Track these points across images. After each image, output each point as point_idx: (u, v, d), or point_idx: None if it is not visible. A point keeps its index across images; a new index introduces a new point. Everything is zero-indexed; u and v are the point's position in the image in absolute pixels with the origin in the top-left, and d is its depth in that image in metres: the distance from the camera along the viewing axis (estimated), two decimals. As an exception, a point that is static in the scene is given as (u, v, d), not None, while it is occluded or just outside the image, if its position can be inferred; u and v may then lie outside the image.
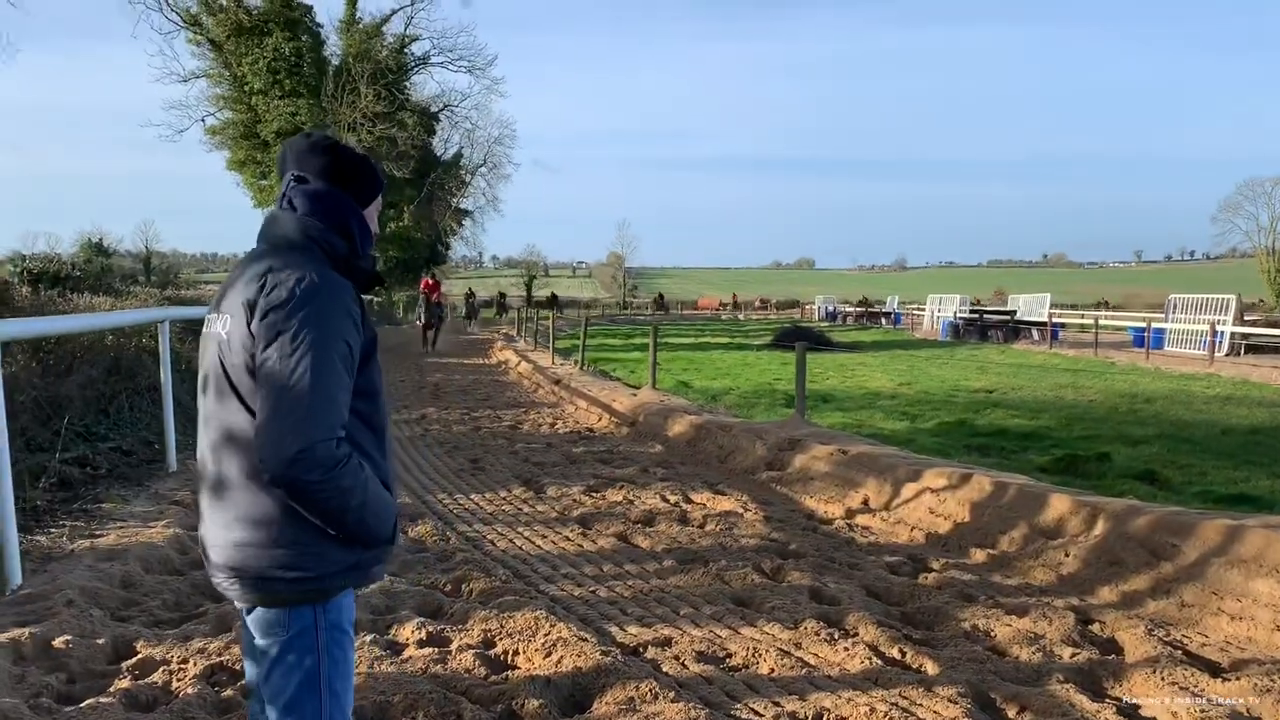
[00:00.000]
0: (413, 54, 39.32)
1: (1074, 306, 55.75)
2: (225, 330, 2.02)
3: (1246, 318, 30.83)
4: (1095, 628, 4.60)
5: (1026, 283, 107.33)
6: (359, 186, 2.18)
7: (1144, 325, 28.53)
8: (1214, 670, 4.01)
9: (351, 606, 2.19)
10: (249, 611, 2.09)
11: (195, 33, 34.49)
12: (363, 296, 2.18)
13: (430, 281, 26.98)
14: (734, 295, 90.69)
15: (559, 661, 3.95)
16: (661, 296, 78.94)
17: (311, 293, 1.96)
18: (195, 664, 3.89)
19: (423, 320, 26.10)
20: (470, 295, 46.75)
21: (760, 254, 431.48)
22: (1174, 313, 29.29)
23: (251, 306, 1.97)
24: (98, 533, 5.79)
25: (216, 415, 2.04)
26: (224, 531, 2.04)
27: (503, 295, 63.89)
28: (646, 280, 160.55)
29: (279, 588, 2.02)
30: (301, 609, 2.05)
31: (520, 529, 6.51)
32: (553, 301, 57.72)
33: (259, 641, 2.09)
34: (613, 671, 3.81)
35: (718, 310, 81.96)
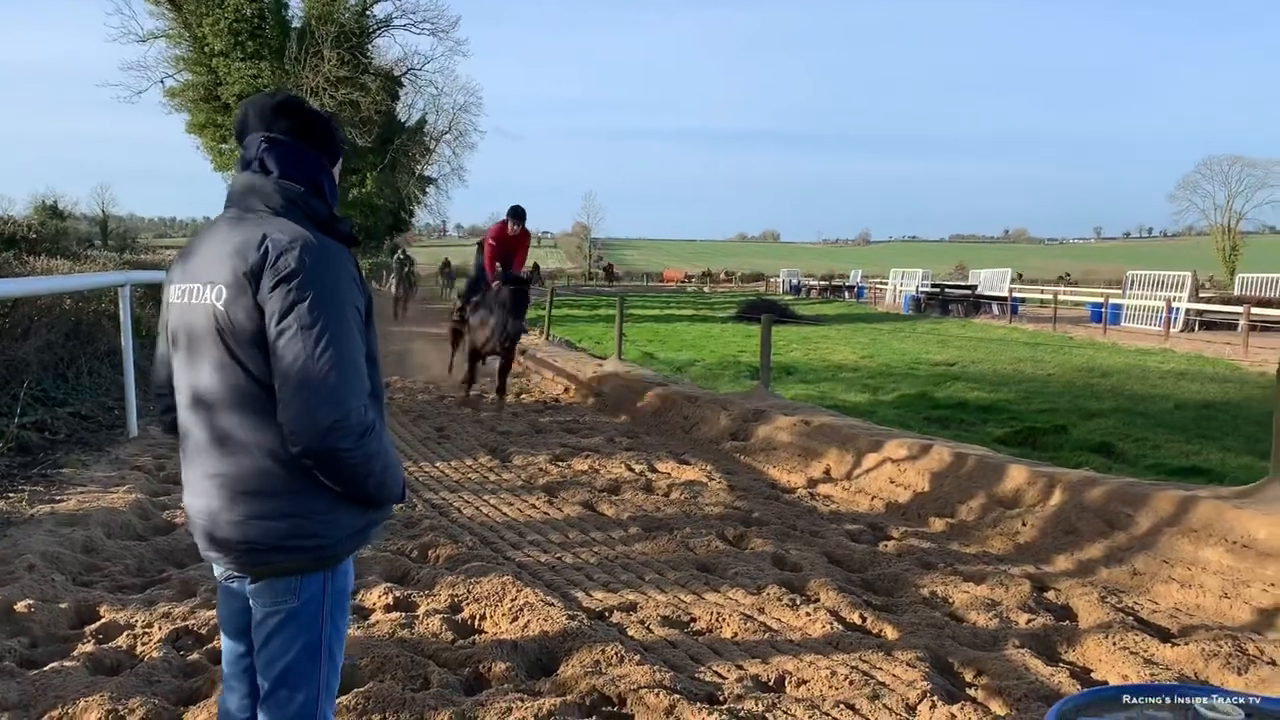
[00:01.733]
0: (375, 16, 38.75)
1: (1034, 282, 56.44)
2: (220, 302, 1.95)
3: (1201, 294, 31.38)
4: (1050, 595, 4.71)
5: (988, 258, 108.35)
6: (326, 145, 2.17)
7: (1102, 301, 29.00)
8: (1164, 636, 4.13)
9: (352, 571, 2.18)
10: (253, 582, 2.04)
11: (153, -9, 33.70)
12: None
13: (516, 229, 10.48)
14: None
15: (526, 625, 3.98)
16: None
17: (319, 259, 1.94)
18: (160, 628, 3.87)
19: (482, 337, 10.59)
20: (409, 262, 30.42)
21: (726, 226, 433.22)
22: (1131, 289, 29.75)
23: (255, 277, 1.92)
24: (58, 498, 5.73)
25: (214, 389, 1.98)
26: (230, 506, 1.98)
27: (448, 262, 42.28)
28: (612, 251, 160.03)
29: (295, 557, 1.99)
30: (313, 576, 2.03)
31: (487, 497, 6.53)
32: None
33: (260, 610, 2.04)
34: (579, 635, 3.85)
35: (682, 282, 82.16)
